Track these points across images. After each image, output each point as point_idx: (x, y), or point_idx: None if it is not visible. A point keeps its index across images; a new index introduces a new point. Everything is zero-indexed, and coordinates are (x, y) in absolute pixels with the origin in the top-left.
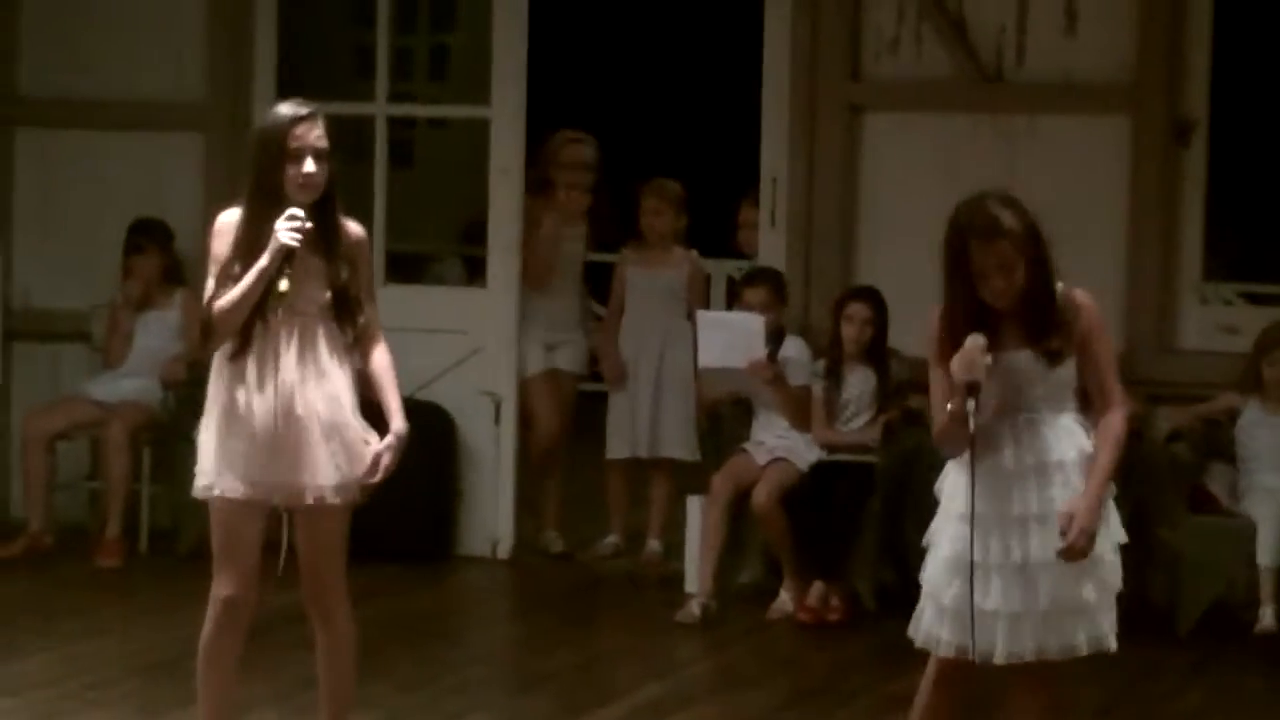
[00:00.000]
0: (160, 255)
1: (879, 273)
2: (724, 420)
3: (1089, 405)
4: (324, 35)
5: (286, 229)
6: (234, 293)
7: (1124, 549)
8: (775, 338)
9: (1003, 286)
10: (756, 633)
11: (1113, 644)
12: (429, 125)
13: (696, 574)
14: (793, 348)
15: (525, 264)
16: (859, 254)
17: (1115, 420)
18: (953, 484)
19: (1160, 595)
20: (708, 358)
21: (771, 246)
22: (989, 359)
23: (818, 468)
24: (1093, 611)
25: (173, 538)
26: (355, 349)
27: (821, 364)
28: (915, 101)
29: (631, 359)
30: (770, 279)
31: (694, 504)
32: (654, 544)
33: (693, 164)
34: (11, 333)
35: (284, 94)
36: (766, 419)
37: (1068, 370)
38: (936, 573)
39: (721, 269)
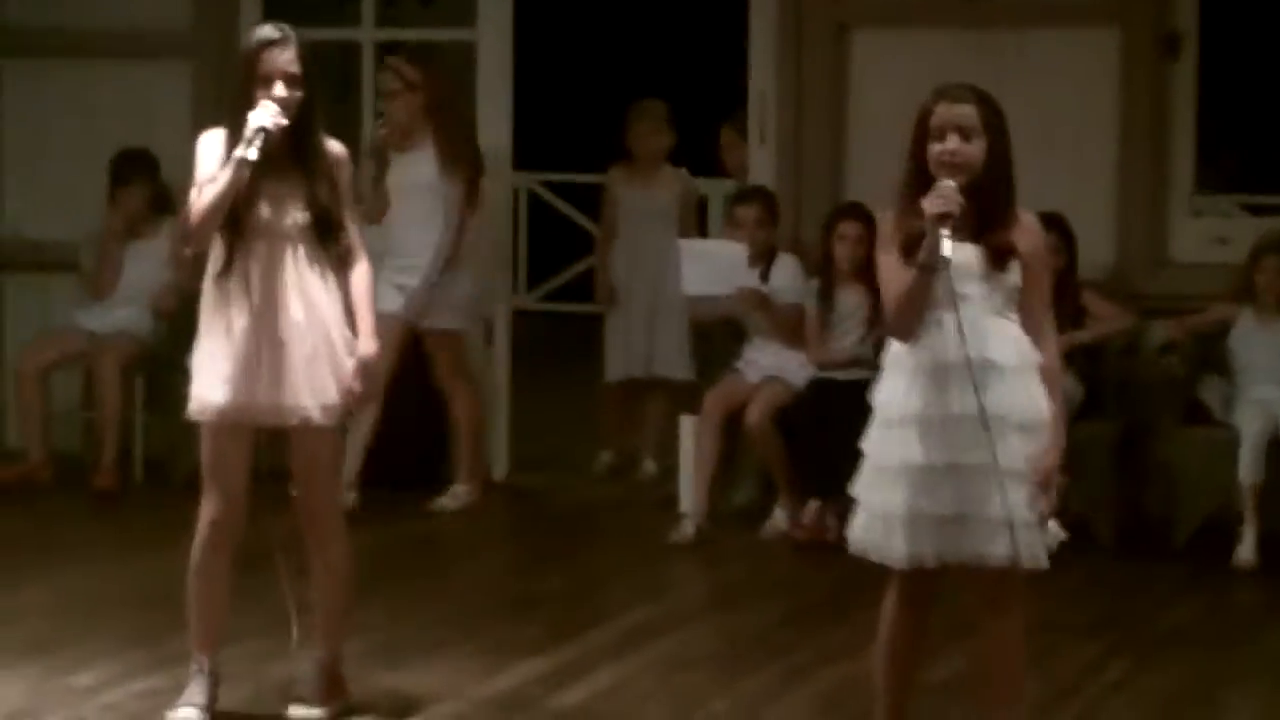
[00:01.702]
0: (146, 185)
1: (868, 190)
2: (715, 340)
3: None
4: None
5: (261, 111)
6: (211, 187)
7: (1120, 462)
8: (767, 257)
9: (955, 149)
10: (751, 552)
11: (1044, 562)
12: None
13: (690, 494)
14: (785, 267)
15: None
16: (848, 172)
17: (1052, 359)
18: (889, 390)
19: (1156, 508)
20: (692, 286)
21: (761, 165)
22: (962, 200)
23: (811, 385)
24: (1032, 523)
25: (167, 467)
26: (339, 267)
27: (814, 283)
28: (902, 18)
29: (625, 280)
30: (762, 198)
31: (687, 424)
32: (649, 464)
33: (677, 84)
34: (3, 264)
35: (271, 19)
36: (759, 339)
37: (1012, 277)
38: (880, 481)
39: (720, 189)
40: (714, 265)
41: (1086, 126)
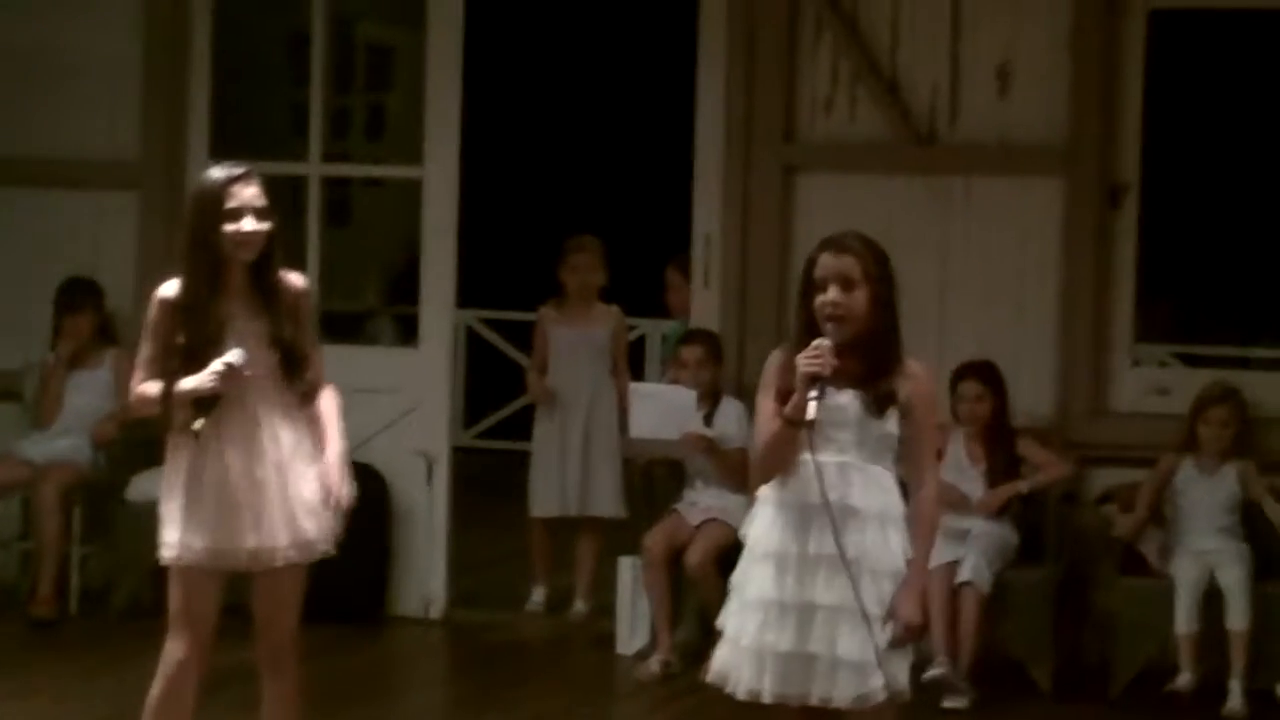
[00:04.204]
0: (92, 314)
1: None
2: (656, 480)
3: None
4: (260, 94)
5: (220, 373)
6: (157, 393)
7: (1058, 609)
8: (712, 399)
9: (836, 300)
10: (692, 693)
11: (905, 696)
12: (365, 184)
13: (629, 634)
14: (729, 411)
15: None
16: (792, 315)
17: (926, 505)
18: (759, 524)
19: (1093, 657)
20: (640, 428)
21: (705, 306)
22: (835, 361)
23: None
24: (874, 665)
25: (104, 598)
26: (305, 402)
27: None
28: (849, 163)
29: (560, 416)
30: (705, 339)
31: (625, 565)
32: (580, 604)
33: (623, 224)
34: None
35: (218, 153)
36: (700, 480)
37: (888, 426)
38: (741, 614)
39: (659, 329)
40: (662, 409)
41: (1030, 272)
